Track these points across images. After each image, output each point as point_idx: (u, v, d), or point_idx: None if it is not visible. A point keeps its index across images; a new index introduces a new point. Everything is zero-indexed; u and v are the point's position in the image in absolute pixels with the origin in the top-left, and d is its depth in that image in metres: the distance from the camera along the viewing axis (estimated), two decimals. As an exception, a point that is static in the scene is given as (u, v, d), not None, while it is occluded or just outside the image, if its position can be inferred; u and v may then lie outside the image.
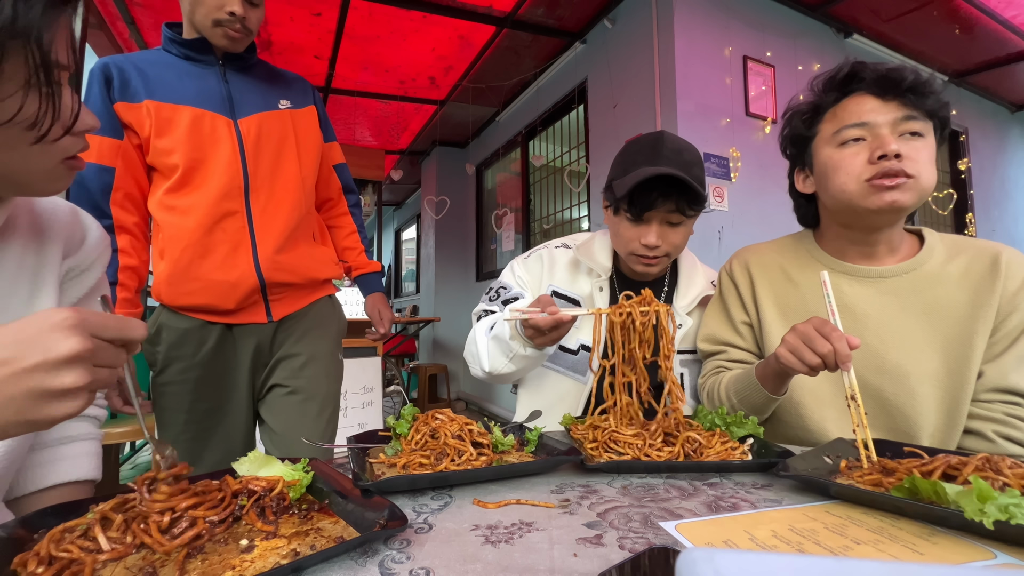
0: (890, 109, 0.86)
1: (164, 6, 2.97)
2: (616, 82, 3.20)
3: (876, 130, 0.87)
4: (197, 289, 1.15)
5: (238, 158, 1.15)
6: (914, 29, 3.46)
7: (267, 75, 1.28)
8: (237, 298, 1.17)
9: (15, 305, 0.62)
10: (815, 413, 0.94)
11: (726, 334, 1.08)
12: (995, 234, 4.49)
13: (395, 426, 0.78)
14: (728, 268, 1.12)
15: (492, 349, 1.07)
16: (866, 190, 0.87)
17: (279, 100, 1.24)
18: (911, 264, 0.92)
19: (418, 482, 0.63)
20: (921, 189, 0.85)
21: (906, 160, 0.84)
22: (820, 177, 0.96)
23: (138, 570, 0.42)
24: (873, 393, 0.90)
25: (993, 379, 0.86)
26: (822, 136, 0.94)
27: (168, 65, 1.15)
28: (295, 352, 1.27)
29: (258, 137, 1.18)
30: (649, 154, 1.06)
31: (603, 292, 1.16)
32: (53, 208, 0.69)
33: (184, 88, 1.13)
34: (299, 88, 1.32)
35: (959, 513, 0.47)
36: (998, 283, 0.86)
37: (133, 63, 1.12)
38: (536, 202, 4.43)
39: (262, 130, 1.19)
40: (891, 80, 0.86)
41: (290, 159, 1.24)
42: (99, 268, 0.75)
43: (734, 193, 2.87)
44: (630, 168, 1.07)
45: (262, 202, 1.19)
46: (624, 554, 0.46)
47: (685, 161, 1.04)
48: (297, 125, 1.26)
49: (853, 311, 0.94)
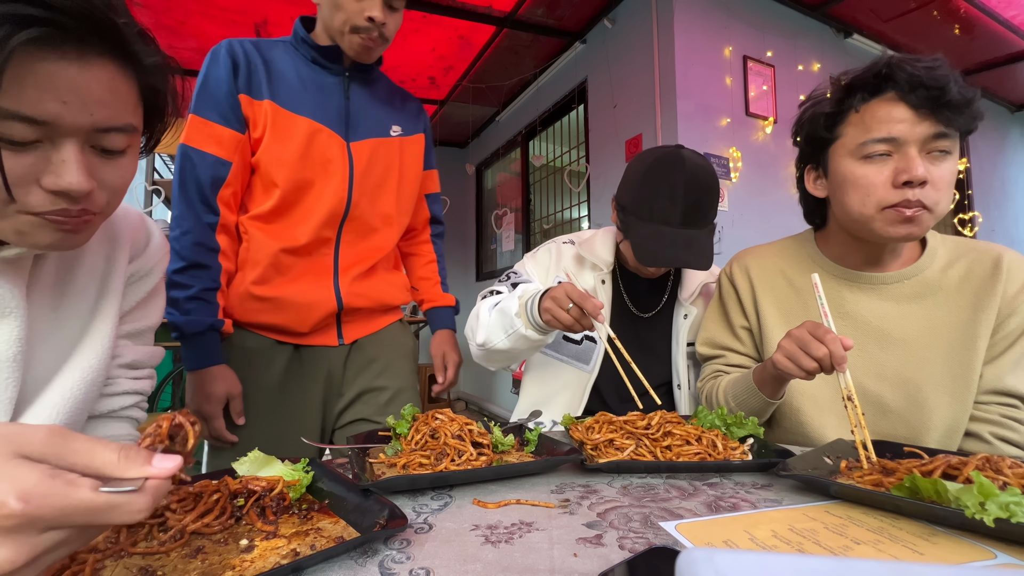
0: (923, 124, 0.79)
1: (164, 6, 2.97)
2: (616, 82, 3.20)
3: (904, 148, 0.80)
4: (273, 309, 1.08)
5: (346, 185, 1.09)
6: (914, 29, 3.46)
7: (386, 92, 1.21)
8: (313, 322, 1.11)
9: (83, 309, 0.64)
10: (814, 420, 0.94)
11: (725, 339, 1.08)
12: (995, 234, 4.49)
13: (395, 426, 0.78)
14: (728, 272, 1.11)
15: (493, 322, 1.09)
16: (883, 218, 0.83)
17: (391, 125, 1.18)
18: (912, 270, 0.91)
19: (418, 482, 0.63)
20: (936, 218, 0.82)
21: (929, 188, 0.79)
22: (836, 188, 0.90)
23: (138, 570, 0.42)
24: (874, 400, 0.90)
25: (990, 381, 0.85)
26: (843, 143, 0.87)
27: (293, 65, 1.08)
28: (379, 386, 1.19)
29: (368, 165, 1.12)
30: (667, 209, 1.03)
31: (605, 285, 1.19)
32: (124, 212, 0.70)
33: (306, 96, 1.06)
34: (412, 111, 1.25)
35: (959, 513, 0.47)
36: (999, 286, 0.86)
37: (261, 54, 1.05)
38: (536, 202, 4.43)
39: (372, 158, 1.13)
40: (930, 92, 0.77)
41: (390, 191, 1.18)
42: (159, 272, 0.75)
43: (734, 193, 2.87)
44: (647, 216, 1.05)
45: (354, 232, 1.14)
46: (624, 554, 0.46)
47: (703, 213, 1.04)
48: (404, 154, 1.20)
49: (854, 318, 0.93)
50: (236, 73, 1.01)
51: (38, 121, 0.45)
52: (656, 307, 1.22)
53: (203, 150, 1.00)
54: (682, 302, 1.19)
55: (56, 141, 0.47)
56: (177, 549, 0.45)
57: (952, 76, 0.78)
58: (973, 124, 0.81)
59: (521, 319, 1.01)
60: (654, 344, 1.20)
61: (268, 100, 1.03)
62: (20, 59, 0.42)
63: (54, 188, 0.47)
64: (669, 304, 1.22)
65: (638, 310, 1.22)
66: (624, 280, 1.23)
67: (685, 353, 1.17)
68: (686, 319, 1.18)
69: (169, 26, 3.20)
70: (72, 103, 0.46)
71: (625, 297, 1.22)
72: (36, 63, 0.43)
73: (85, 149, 0.49)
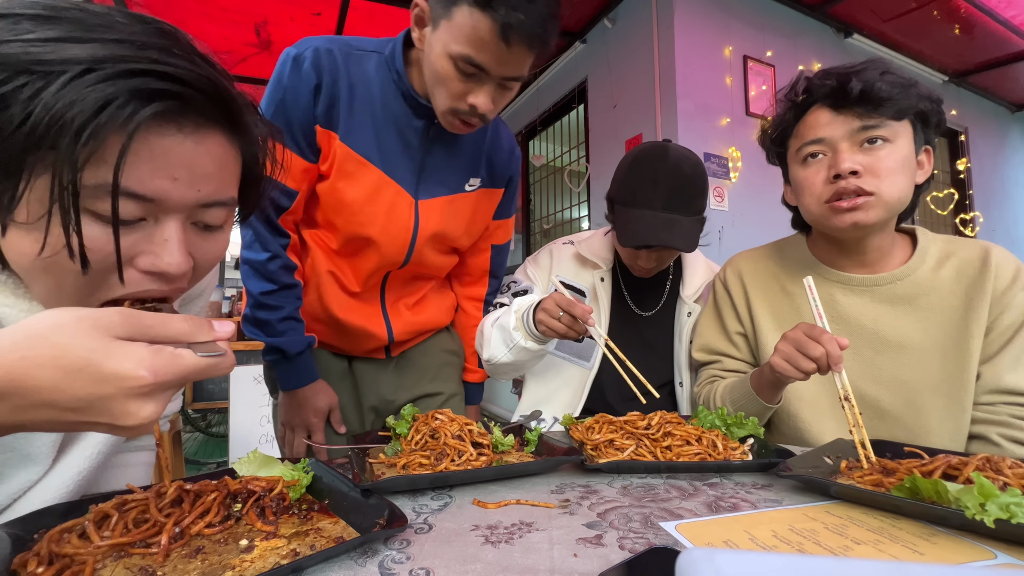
0: (845, 121, 0.84)
1: (164, 6, 2.97)
2: (616, 82, 3.20)
3: (833, 144, 0.85)
4: (324, 331, 1.08)
5: (407, 243, 1.02)
6: (914, 29, 3.46)
7: (473, 140, 1.05)
8: (364, 349, 1.12)
9: None
10: (812, 425, 0.94)
11: (720, 344, 1.08)
12: (995, 234, 4.50)
13: (395, 426, 0.78)
14: (722, 277, 1.12)
15: (495, 338, 1.11)
16: (827, 211, 0.87)
17: (470, 178, 1.06)
18: (903, 271, 0.91)
19: (418, 482, 0.63)
20: (885, 204, 0.83)
21: (864, 176, 0.82)
22: (795, 194, 0.96)
23: (138, 570, 0.42)
24: (870, 403, 0.90)
25: (990, 380, 0.85)
26: (790, 153, 0.95)
27: (380, 94, 0.94)
28: (432, 391, 1.18)
29: (434, 223, 1.03)
30: (650, 190, 1.04)
31: (604, 283, 1.20)
32: None
33: (380, 142, 0.95)
34: (502, 157, 1.10)
35: (959, 513, 0.47)
36: (988, 283, 0.85)
37: (349, 74, 0.91)
38: (536, 202, 4.43)
39: (441, 216, 1.04)
40: (841, 90, 0.83)
41: (453, 241, 1.10)
42: (209, 292, 0.74)
43: (734, 193, 2.87)
44: (630, 201, 1.07)
45: (405, 275, 1.10)
46: (624, 554, 0.46)
47: (686, 197, 1.05)
48: (477, 207, 1.10)
49: (847, 321, 0.93)
50: (317, 97, 0.89)
51: (148, 198, 0.42)
52: (656, 305, 1.22)
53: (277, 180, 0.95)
54: (685, 300, 1.19)
55: (159, 218, 0.44)
56: (177, 549, 0.45)
57: (864, 74, 0.82)
58: (909, 108, 0.83)
59: (520, 332, 1.04)
60: (655, 342, 1.20)
61: (341, 142, 0.92)
62: (141, 134, 0.40)
63: (151, 269, 0.44)
64: (670, 302, 1.23)
65: (639, 308, 1.22)
66: (624, 278, 1.23)
67: (688, 351, 1.18)
68: (690, 316, 1.18)
69: (169, 26, 3.21)
70: (182, 179, 0.43)
71: (626, 295, 1.23)
72: (154, 138, 0.41)
73: (187, 226, 0.46)
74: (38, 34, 0.38)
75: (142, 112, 0.39)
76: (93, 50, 0.38)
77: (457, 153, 1.03)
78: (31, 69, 0.37)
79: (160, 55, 0.41)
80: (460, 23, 0.78)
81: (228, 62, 0.48)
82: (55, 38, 0.38)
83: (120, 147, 0.38)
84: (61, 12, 0.40)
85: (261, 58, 3.60)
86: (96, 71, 0.38)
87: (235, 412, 2.56)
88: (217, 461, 3.25)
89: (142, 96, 0.39)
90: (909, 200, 0.87)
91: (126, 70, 0.39)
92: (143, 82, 0.39)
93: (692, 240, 1.05)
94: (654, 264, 1.12)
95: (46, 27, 0.39)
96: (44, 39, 0.38)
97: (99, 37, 0.39)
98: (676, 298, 1.23)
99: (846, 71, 0.85)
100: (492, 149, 1.08)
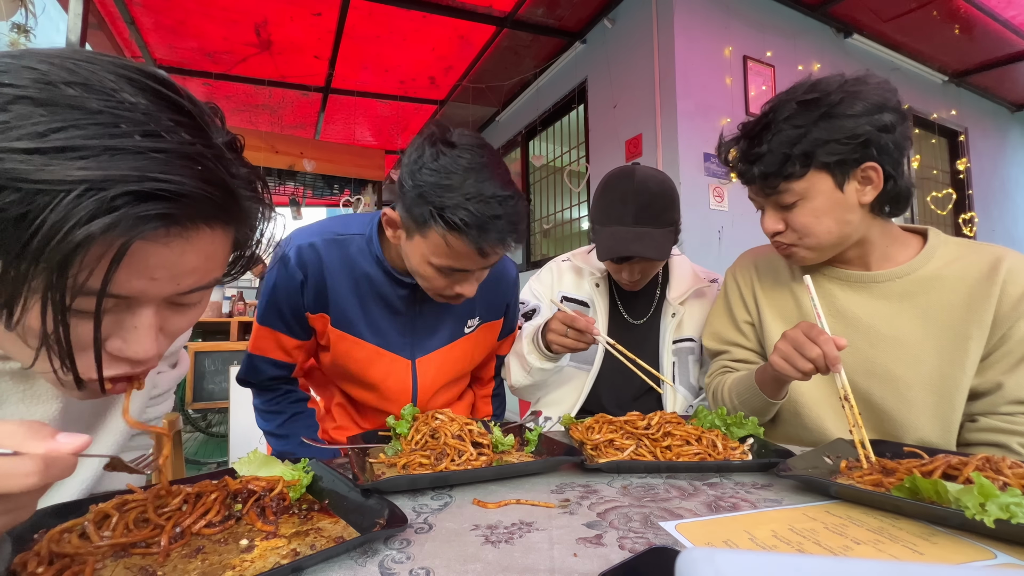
0: (761, 191, 0.91)
1: (164, 6, 2.97)
2: (616, 82, 3.20)
3: (762, 206, 0.94)
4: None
5: (408, 394, 1.06)
6: (914, 29, 3.46)
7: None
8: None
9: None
10: (816, 419, 0.95)
11: (730, 333, 1.09)
12: (995, 234, 4.50)
13: (395, 426, 0.78)
14: (733, 270, 1.15)
15: (514, 365, 1.19)
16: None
17: (468, 321, 1.08)
18: (905, 269, 0.91)
19: (418, 482, 0.63)
20: (813, 247, 0.90)
21: (787, 232, 0.91)
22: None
23: (138, 570, 0.42)
24: (862, 396, 0.90)
25: (1013, 391, 0.84)
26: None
27: (362, 279, 0.98)
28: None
29: (435, 375, 1.07)
30: (620, 209, 1.12)
31: (600, 288, 1.27)
32: None
33: (368, 316, 0.99)
34: (498, 294, 1.13)
35: (959, 513, 0.47)
36: (994, 288, 0.85)
37: (332, 268, 0.96)
38: (536, 202, 4.43)
39: (440, 367, 1.07)
40: (744, 175, 0.92)
41: (460, 383, 1.15)
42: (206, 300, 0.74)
43: (734, 193, 2.87)
44: (604, 220, 1.14)
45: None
46: (624, 554, 0.46)
47: (653, 213, 1.11)
48: (478, 341, 1.12)
49: (844, 315, 0.94)
50: (303, 289, 0.95)
51: (124, 297, 0.40)
52: (647, 313, 1.27)
53: (267, 356, 1.01)
54: (670, 302, 1.24)
55: (133, 307, 0.42)
56: (177, 549, 0.45)
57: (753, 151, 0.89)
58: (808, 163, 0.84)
59: (534, 355, 1.11)
60: (645, 348, 1.24)
61: (332, 327, 0.98)
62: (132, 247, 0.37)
63: (118, 354, 0.42)
64: (659, 310, 1.27)
65: (631, 317, 1.27)
66: (617, 289, 1.29)
67: (670, 351, 1.22)
68: (674, 317, 1.23)
69: (169, 26, 3.20)
70: (161, 279, 0.41)
71: (619, 305, 1.28)
72: (137, 243, 0.37)
73: (160, 309, 0.44)
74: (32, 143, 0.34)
75: (138, 230, 0.36)
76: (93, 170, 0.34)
77: (449, 307, 1.03)
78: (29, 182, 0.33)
79: (166, 167, 0.37)
80: (436, 242, 0.81)
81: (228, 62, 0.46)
82: (53, 148, 0.34)
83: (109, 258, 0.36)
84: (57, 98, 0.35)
85: (261, 58, 3.60)
86: (96, 193, 0.34)
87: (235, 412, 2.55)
88: (217, 461, 3.25)
89: (141, 219, 0.36)
90: (850, 230, 0.88)
91: (127, 192, 0.35)
92: (145, 208, 0.36)
93: (664, 250, 1.10)
94: (637, 276, 1.17)
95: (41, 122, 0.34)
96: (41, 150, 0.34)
97: (100, 145, 0.35)
98: (663, 303, 1.27)
99: (742, 150, 0.92)
100: (488, 289, 1.07)
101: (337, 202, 5.24)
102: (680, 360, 1.23)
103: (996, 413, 0.85)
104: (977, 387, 0.86)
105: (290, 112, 4.59)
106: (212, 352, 3.03)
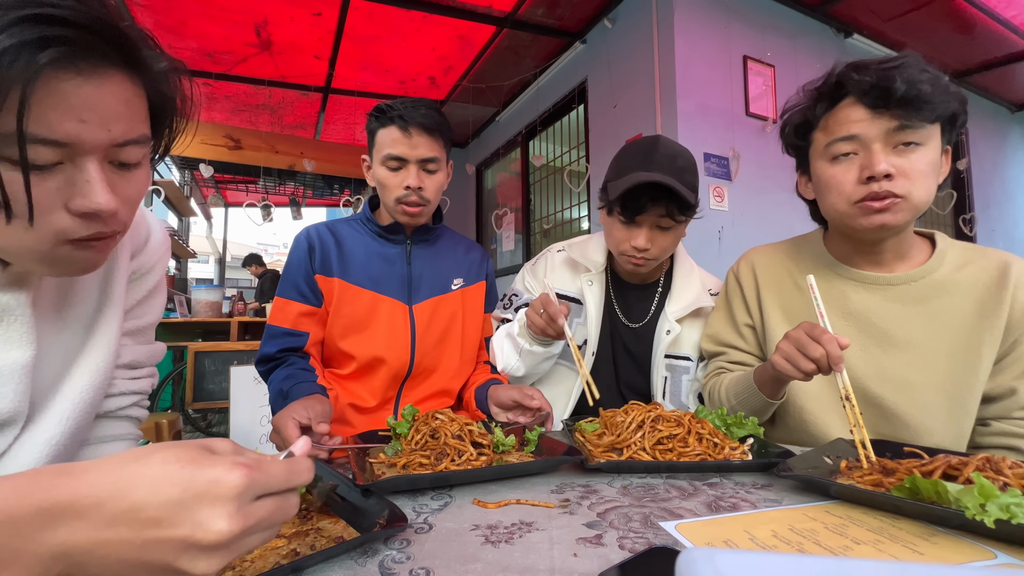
0: (881, 120, 0.81)
1: (164, 6, 2.97)
2: (616, 82, 3.20)
3: (867, 144, 0.82)
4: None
5: (408, 345, 1.15)
6: (914, 29, 3.46)
7: (449, 249, 1.27)
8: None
9: (87, 311, 0.63)
10: (818, 418, 0.94)
11: (728, 335, 1.08)
12: (995, 234, 4.49)
13: (395, 426, 0.78)
14: (735, 269, 1.12)
15: (506, 346, 1.19)
16: (856, 211, 0.85)
17: (453, 280, 1.25)
18: (919, 272, 0.90)
19: (418, 482, 0.63)
20: (913, 207, 0.82)
21: (897, 179, 0.81)
22: (817, 190, 0.93)
23: (138, 570, 0.42)
24: (875, 401, 0.89)
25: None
26: (815, 148, 0.91)
27: (361, 241, 1.18)
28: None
29: (430, 321, 1.18)
30: (643, 159, 1.07)
31: (592, 286, 1.21)
32: None
33: (370, 270, 1.16)
34: (475, 261, 1.30)
35: (959, 513, 0.47)
36: (1006, 293, 0.85)
37: (334, 234, 1.17)
38: (536, 202, 4.43)
39: (434, 314, 1.19)
40: (882, 90, 0.80)
41: (454, 341, 1.22)
42: (160, 269, 0.75)
43: (734, 193, 2.87)
44: (624, 172, 1.08)
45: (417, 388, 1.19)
46: (624, 554, 0.46)
47: (678, 167, 1.05)
48: (466, 303, 1.25)
49: (857, 318, 0.93)
50: (311, 256, 1.13)
51: (60, 143, 0.44)
52: (644, 318, 1.22)
53: (280, 325, 1.11)
54: (668, 316, 1.16)
55: (77, 161, 0.46)
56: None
57: (906, 72, 0.79)
58: (946, 108, 0.81)
59: (523, 337, 1.11)
60: (639, 355, 1.20)
61: (337, 278, 1.13)
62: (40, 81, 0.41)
63: (83, 210, 0.47)
64: (657, 316, 1.21)
65: (628, 320, 1.22)
66: (615, 288, 1.24)
67: (663, 364, 1.17)
68: (668, 335, 1.15)
69: (169, 26, 3.20)
70: (91, 121, 0.45)
71: (616, 306, 1.23)
72: (53, 83, 0.42)
73: (105, 166, 0.48)
74: None
75: (38, 58, 0.40)
76: None
77: (437, 260, 1.24)
78: None
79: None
80: (380, 142, 1.11)
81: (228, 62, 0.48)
82: None
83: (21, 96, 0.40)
84: None
85: (261, 58, 3.60)
86: None
87: (235, 412, 2.55)
88: (217, 461, 3.25)
89: (35, 44, 0.40)
90: (927, 206, 0.85)
91: (15, 19, 0.39)
92: (34, 30, 0.40)
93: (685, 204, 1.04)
94: (646, 246, 1.07)
95: None
96: None
97: None
98: (662, 312, 1.20)
99: (887, 68, 0.80)
100: (465, 256, 1.30)
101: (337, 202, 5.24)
102: (673, 377, 1.17)
103: (1009, 418, 0.85)
104: (990, 392, 0.86)
105: (290, 112, 4.59)
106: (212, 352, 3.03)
